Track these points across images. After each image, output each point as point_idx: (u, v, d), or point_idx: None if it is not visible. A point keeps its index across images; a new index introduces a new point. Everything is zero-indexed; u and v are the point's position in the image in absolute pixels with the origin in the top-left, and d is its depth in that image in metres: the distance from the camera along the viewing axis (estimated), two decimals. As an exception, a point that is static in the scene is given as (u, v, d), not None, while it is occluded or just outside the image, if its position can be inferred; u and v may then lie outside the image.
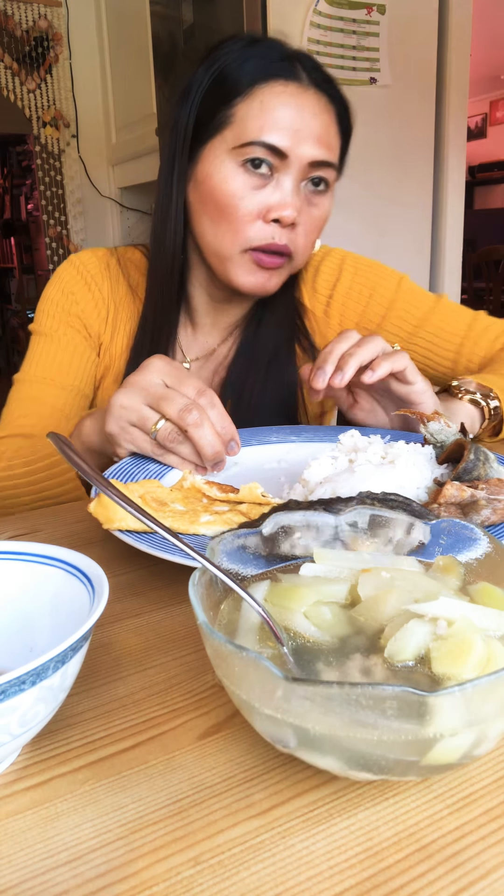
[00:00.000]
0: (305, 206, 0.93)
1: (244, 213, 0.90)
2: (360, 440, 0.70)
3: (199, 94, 0.93)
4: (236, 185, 0.90)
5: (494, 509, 0.59)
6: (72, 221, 3.22)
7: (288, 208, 0.90)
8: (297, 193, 0.91)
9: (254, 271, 0.94)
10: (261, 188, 0.90)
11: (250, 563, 0.46)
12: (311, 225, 0.95)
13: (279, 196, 0.90)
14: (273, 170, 0.90)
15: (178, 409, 0.72)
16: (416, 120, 2.62)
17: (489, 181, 7.51)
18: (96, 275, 1.06)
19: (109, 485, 0.45)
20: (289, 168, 0.90)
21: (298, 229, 0.93)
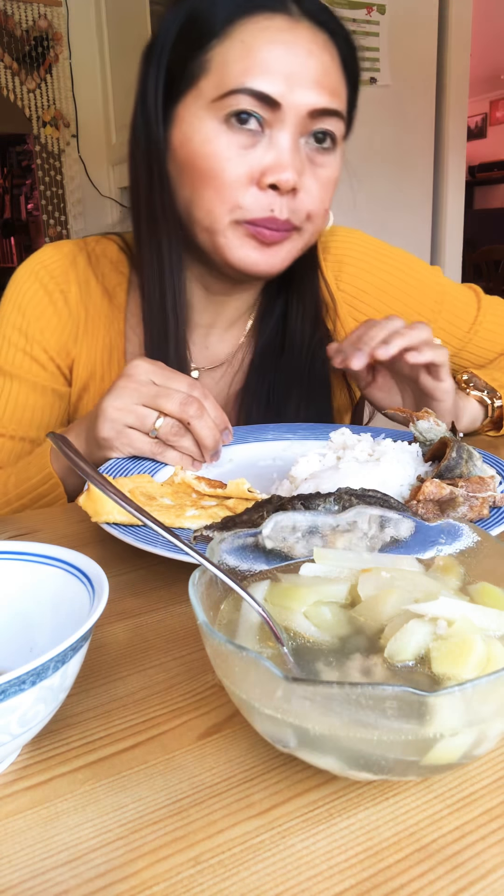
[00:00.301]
0: (308, 166, 0.78)
1: (232, 176, 0.75)
2: (349, 438, 0.71)
3: (167, 43, 0.77)
4: (220, 146, 0.74)
5: (471, 506, 0.60)
6: (72, 221, 3.22)
7: (286, 170, 0.74)
8: (296, 151, 0.75)
9: (250, 245, 0.79)
10: (251, 147, 0.75)
11: (250, 561, 0.46)
12: (319, 190, 0.79)
13: (274, 155, 0.74)
14: (264, 124, 0.74)
15: (177, 403, 0.71)
16: (416, 120, 2.62)
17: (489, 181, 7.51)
18: (60, 278, 0.90)
19: (109, 484, 0.45)
20: (283, 121, 0.74)
21: (302, 196, 0.77)
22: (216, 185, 0.76)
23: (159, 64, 0.77)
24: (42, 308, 0.90)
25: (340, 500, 0.54)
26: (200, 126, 0.75)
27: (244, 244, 0.79)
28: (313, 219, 0.81)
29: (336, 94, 0.77)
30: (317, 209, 0.80)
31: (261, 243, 0.79)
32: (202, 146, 0.75)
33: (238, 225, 0.78)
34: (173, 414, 0.71)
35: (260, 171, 0.75)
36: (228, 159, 0.74)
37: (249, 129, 0.74)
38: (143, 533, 0.59)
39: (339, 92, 0.78)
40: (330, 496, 0.55)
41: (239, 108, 0.73)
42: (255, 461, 0.81)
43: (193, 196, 0.78)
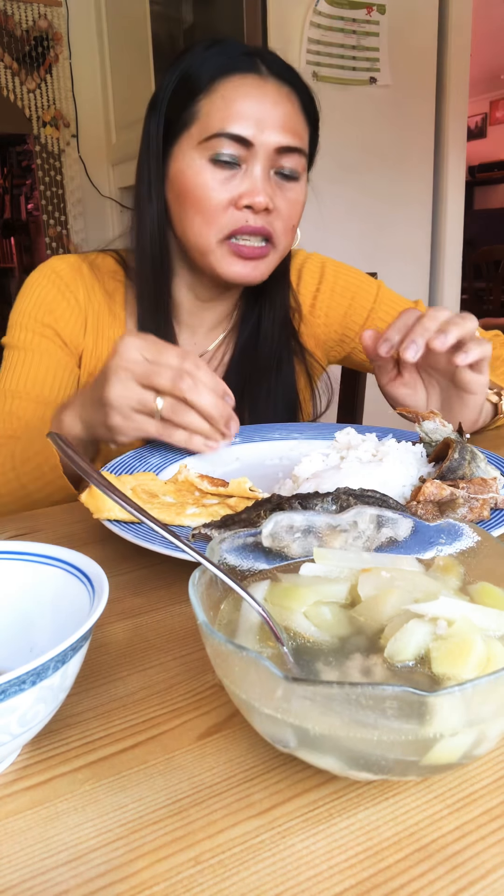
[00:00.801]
0: (278, 192, 0.94)
1: (216, 202, 0.92)
2: (354, 438, 0.71)
3: (166, 97, 0.95)
4: (206, 178, 0.91)
5: (471, 508, 0.60)
6: (72, 221, 3.22)
7: (259, 194, 0.91)
8: (266, 180, 0.93)
9: (235, 262, 0.94)
10: (231, 179, 0.92)
11: (250, 561, 0.46)
12: (288, 210, 0.96)
13: (248, 183, 0.92)
14: (240, 161, 0.92)
15: (169, 379, 0.72)
16: (416, 120, 2.62)
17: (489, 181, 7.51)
18: (70, 282, 1.04)
19: (109, 484, 0.45)
20: (256, 156, 0.91)
21: (274, 214, 0.94)
22: (203, 210, 0.92)
23: (159, 113, 0.96)
24: (56, 302, 1.03)
25: (338, 500, 0.54)
26: (191, 163, 0.93)
27: (231, 261, 0.94)
28: (285, 233, 0.96)
29: (297, 135, 0.94)
30: (286, 226, 0.96)
31: (243, 258, 0.94)
32: (192, 179, 0.93)
33: (223, 243, 0.93)
34: (167, 391, 0.72)
35: (238, 197, 0.92)
36: (212, 188, 0.92)
37: (228, 163, 0.91)
38: (144, 531, 0.59)
39: (300, 133, 0.95)
40: (328, 496, 0.55)
41: (220, 150, 0.91)
42: (261, 460, 0.81)
43: (186, 220, 0.95)
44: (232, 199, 0.92)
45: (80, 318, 1.04)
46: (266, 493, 0.67)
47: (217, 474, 0.75)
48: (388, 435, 0.77)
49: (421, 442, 0.72)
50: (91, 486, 0.62)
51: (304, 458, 0.69)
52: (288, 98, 0.94)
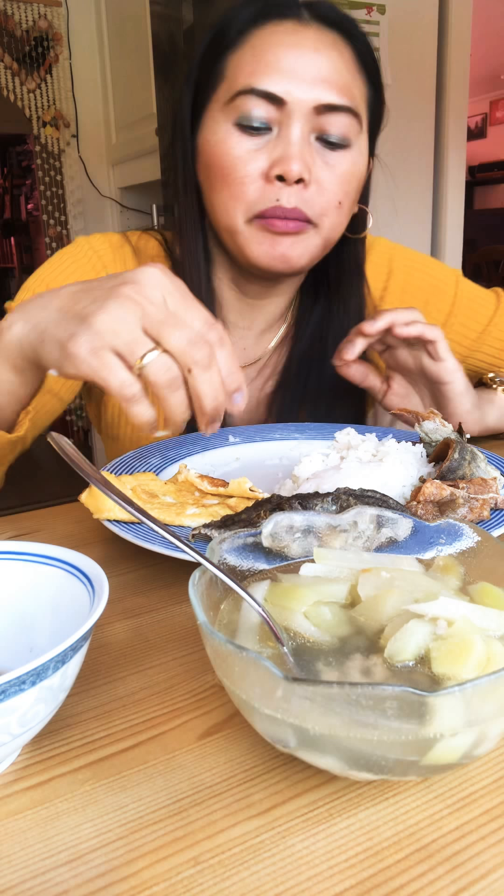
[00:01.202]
0: (319, 162, 0.79)
1: (243, 175, 0.78)
2: (354, 438, 0.71)
3: (197, 60, 0.83)
4: (232, 146, 0.78)
5: (471, 508, 0.60)
6: (72, 221, 3.22)
7: (291, 161, 0.76)
8: (304, 146, 0.77)
9: (265, 240, 0.80)
10: (261, 146, 0.78)
11: (250, 561, 0.46)
12: (333, 184, 0.80)
13: (281, 150, 0.77)
14: (272, 123, 0.78)
15: (185, 339, 0.54)
16: (416, 120, 2.62)
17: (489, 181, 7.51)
18: (109, 263, 0.90)
19: (109, 484, 0.45)
20: (290, 117, 0.77)
21: (313, 189, 0.79)
22: (229, 184, 0.79)
23: (190, 78, 0.83)
24: (80, 274, 0.88)
25: (338, 501, 0.54)
26: (217, 129, 0.79)
27: (260, 240, 0.80)
28: (328, 213, 0.81)
29: (345, 91, 0.78)
30: (329, 203, 0.81)
31: (275, 236, 0.80)
32: (217, 147, 0.79)
33: (252, 222, 0.80)
34: (175, 351, 0.54)
35: (269, 166, 0.78)
36: (238, 157, 0.78)
37: (257, 128, 0.77)
38: (144, 531, 0.59)
39: (349, 89, 0.79)
40: (328, 496, 0.55)
41: (246, 111, 0.76)
42: (262, 461, 0.81)
43: (213, 198, 0.82)
44: (262, 170, 0.78)
45: None
46: (266, 493, 0.67)
47: (217, 474, 0.75)
48: (388, 435, 0.77)
49: (421, 442, 0.72)
50: (91, 486, 0.62)
51: (304, 458, 0.69)
52: (333, 45, 0.78)
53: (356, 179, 0.84)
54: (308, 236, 0.82)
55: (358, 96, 0.81)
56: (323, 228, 0.82)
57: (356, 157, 0.82)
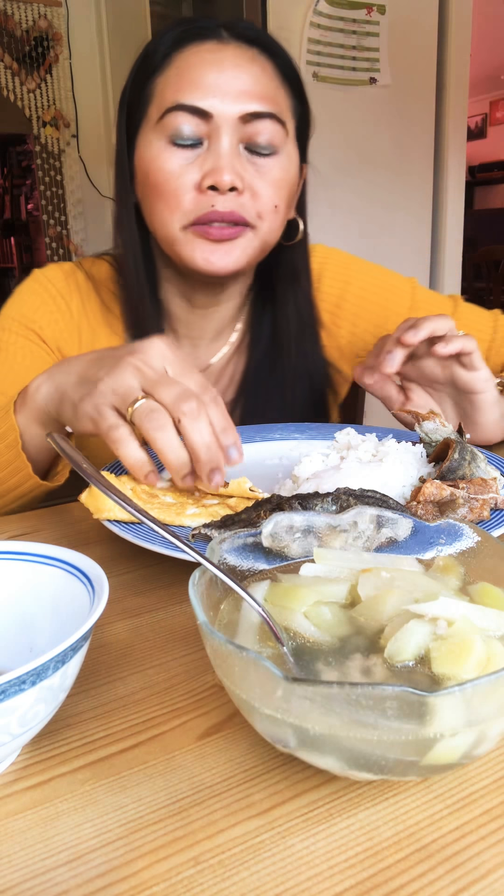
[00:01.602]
0: (251, 169, 0.83)
1: (176, 187, 0.81)
2: (354, 438, 0.71)
3: (128, 85, 0.87)
4: (165, 162, 0.81)
5: (471, 508, 0.60)
6: (72, 221, 3.22)
7: (222, 172, 0.79)
8: (234, 156, 0.81)
9: (203, 246, 0.83)
10: (193, 160, 0.82)
11: (250, 561, 0.46)
12: (265, 190, 0.83)
13: (212, 161, 0.80)
14: (202, 137, 0.81)
15: (175, 394, 0.60)
16: (416, 120, 2.62)
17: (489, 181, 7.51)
18: (63, 290, 0.96)
19: (109, 484, 0.45)
20: (218, 130, 0.80)
21: (246, 196, 0.82)
22: (165, 197, 0.83)
23: (123, 101, 0.88)
24: (41, 303, 0.95)
25: (338, 501, 0.54)
26: (149, 147, 0.83)
27: (196, 246, 0.84)
28: (264, 217, 0.84)
29: (268, 99, 0.82)
30: (265, 208, 0.84)
31: (212, 242, 0.83)
32: (151, 163, 0.83)
33: (188, 229, 0.83)
34: (165, 403, 0.60)
35: (201, 178, 0.81)
36: (171, 171, 0.82)
37: (188, 143, 0.81)
38: (144, 531, 0.59)
39: (272, 97, 0.83)
40: (328, 496, 0.55)
41: (176, 126, 0.80)
42: (261, 460, 0.81)
43: (151, 211, 0.86)
44: (195, 182, 0.81)
45: (73, 330, 0.95)
46: (266, 493, 0.67)
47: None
48: (388, 435, 0.77)
49: (421, 442, 0.72)
50: (91, 486, 0.62)
51: (304, 458, 0.69)
52: (253, 60, 0.82)
53: (287, 184, 0.87)
54: (246, 239, 0.84)
55: (282, 104, 0.85)
56: (260, 230, 0.85)
57: (285, 162, 0.86)
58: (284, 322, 0.97)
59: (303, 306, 0.97)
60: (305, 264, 0.98)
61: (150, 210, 0.86)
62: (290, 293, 0.96)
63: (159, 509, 0.63)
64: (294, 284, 0.96)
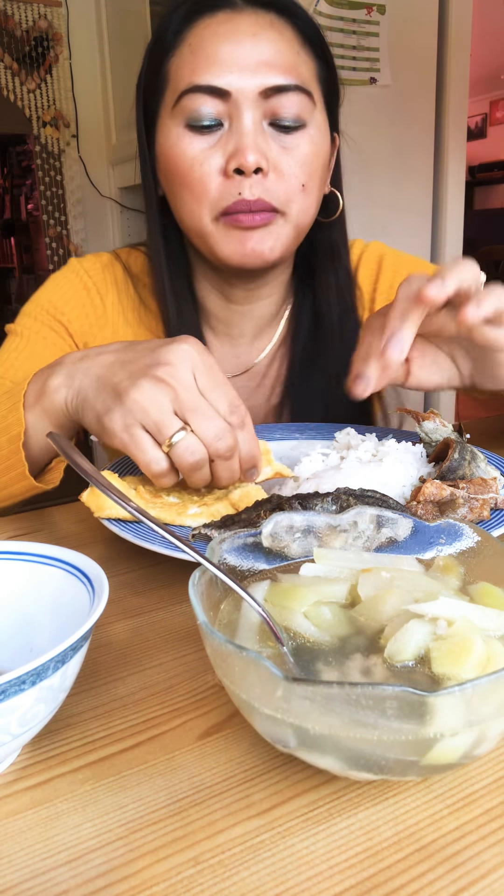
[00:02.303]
0: (275, 146, 0.78)
1: (200, 174, 0.77)
2: (354, 438, 0.71)
3: (143, 71, 0.82)
4: (185, 148, 0.77)
5: (471, 508, 0.60)
6: (72, 221, 3.22)
7: (246, 152, 0.74)
8: (258, 135, 0.76)
9: (234, 237, 0.79)
10: (215, 143, 0.77)
11: (250, 561, 0.46)
12: (294, 167, 0.78)
13: (235, 142, 0.76)
14: (222, 118, 0.76)
15: (214, 432, 0.58)
16: (416, 120, 2.62)
17: (489, 181, 7.50)
18: (100, 284, 0.92)
19: (109, 484, 0.45)
20: (238, 107, 0.75)
21: (273, 178, 0.77)
22: (189, 186, 0.78)
23: (139, 88, 0.83)
24: (73, 294, 0.91)
25: (338, 501, 0.54)
26: (168, 134, 0.79)
27: (229, 238, 0.79)
28: (294, 199, 0.79)
29: (290, 70, 0.76)
30: (293, 188, 0.79)
31: (243, 231, 0.78)
32: (171, 151, 0.78)
33: (219, 220, 0.79)
34: (202, 439, 0.58)
35: (225, 162, 0.76)
36: (194, 157, 0.77)
37: (207, 125, 0.76)
38: (144, 531, 0.59)
39: (294, 67, 0.77)
40: (328, 496, 0.55)
41: (193, 109, 0.75)
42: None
43: (177, 203, 0.81)
44: (219, 166, 0.76)
45: (105, 326, 0.92)
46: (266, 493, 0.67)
47: None
48: (388, 435, 0.77)
49: (421, 442, 0.72)
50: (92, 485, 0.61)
51: (304, 458, 0.69)
52: (271, 26, 0.76)
53: (318, 159, 0.81)
54: (277, 226, 0.80)
55: (305, 73, 0.79)
56: (291, 215, 0.80)
57: (314, 135, 0.80)
58: (326, 305, 0.90)
59: (344, 286, 0.91)
60: (344, 240, 0.92)
61: (177, 201, 0.81)
62: (332, 273, 0.91)
63: (161, 508, 0.63)
64: (335, 263, 0.91)
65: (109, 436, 0.60)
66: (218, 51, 0.75)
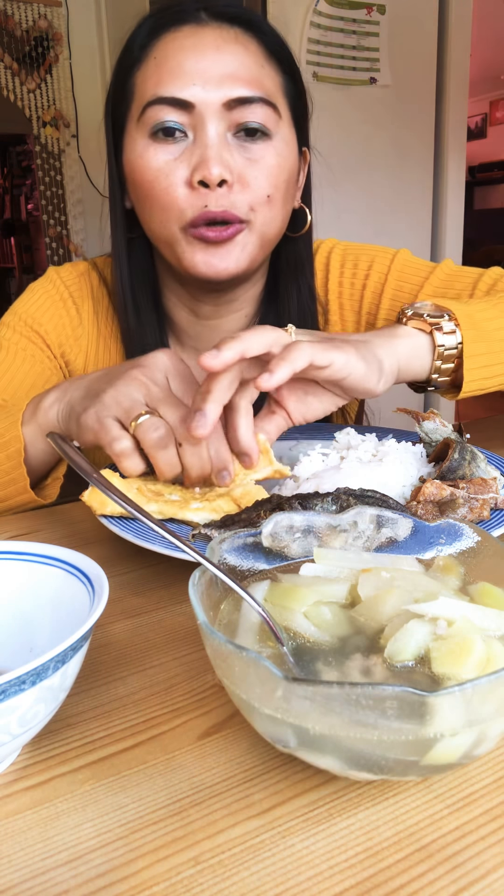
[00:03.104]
0: (241, 160, 0.77)
1: (166, 185, 0.77)
2: (354, 438, 0.71)
3: (112, 83, 0.83)
4: (151, 160, 0.77)
5: (471, 508, 0.60)
6: (72, 221, 3.22)
7: (211, 164, 0.74)
8: (222, 146, 0.76)
9: (200, 249, 0.79)
10: (179, 154, 0.77)
11: (250, 561, 0.46)
12: (258, 179, 0.78)
13: (199, 153, 0.76)
14: (186, 130, 0.76)
15: (179, 415, 0.61)
16: (416, 120, 2.62)
17: (489, 181, 7.50)
18: (76, 294, 0.93)
19: (109, 484, 0.45)
20: (202, 119, 0.75)
21: (237, 188, 0.77)
22: (156, 197, 0.78)
23: (108, 101, 0.84)
24: (50, 305, 0.92)
25: (338, 501, 0.54)
26: (135, 146, 0.79)
27: (194, 249, 0.79)
28: (258, 209, 0.79)
29: (253, 83, 0.77)
30: (258, 199, 0.79)
31: (210, 245, 0.79)
32: (137, 163, 0.79)
33: (186, 230, 0.79)
34: (168, 422, 0.61)
35: (190, 173, 0.77)
36: (159, 169, 0.77)
37: (173, 137, 0.77)
38: (145, 530, 0.59)
39: (257, 79, 0.77)
40: (328, 496, 0.55)
41: (157, 121, 0.76)
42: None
43: (145, 213, 0.82)
44: (185, 178, 0.76)
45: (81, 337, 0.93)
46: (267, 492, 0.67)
47: None
48: (388, 435, 0.77)
49: (421, 442, 0.72)
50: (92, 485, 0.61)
51: (304, 457, 0.69)
52: (236, 40, 0.77)
53: (284, 171, 0.80)
54: (242, 237, 0.79)
55: (270, 86, 0.79)
56: (255, 224, 0.79)
57: (280, 147, 0.79)
58: (287, 317, 0.91)
59: (306, 301, 0.92)
60: (309, 255, 0.92)
61: (145, 213, 0.82)
62: (294, 287, 0.91)
63: (164, 506, 0.62)
64: (298, 277, 0.91)
65: (84, 431, 0.63)
66: (182, 63, 0.75)
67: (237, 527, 0.56)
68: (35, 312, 0.92)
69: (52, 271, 0.95)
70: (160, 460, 0.61)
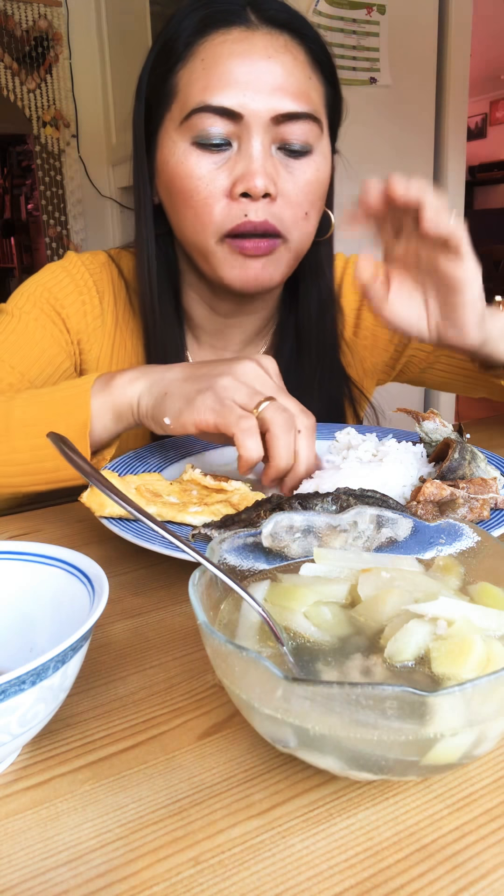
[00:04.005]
0: (284, 172, 0.77)
1: (207, 194, 0.76)
2: (354, 438, 0.71)
3: (145, 75, 0.80)
4: (192, 167, 0.76)
5: (471, 508, 0.60)
6: (72, 221, 3.22)
7: (255, 177, 0.74)
8: (266, 159, 0.75)
9: (238, 262, 0.79)
10: (222, 163, 0.76)
11: (250, 561, 0.46)
12: (299, 195, 0.78)
13: (243, 166, 0.75)
14: (231, 138, 0.75)
15: (297, 407, 0.65)
16: (416, 120, 2.62)
17: (489, 181, 7.51)
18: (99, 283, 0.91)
19: (109, 484, 0.45)
20: (248, 130, 0.75)
21: (280, 202, 0.77)
22: (194, 205, 0.77)
23: (140, 94, 0.81)
24: (73, 289, 0.90)
25: (338, 500, 0.54)
26: (174, 149, 0.77)
27: (233, 262, 0.79)
28: (296, 225, 0.80)
29: (301, 96, 0.76)
30: (296, 215, 0.79)
31: (246, 258, 0.78)
32: (177, 168, 0.77)
33: (223, 241, 0.78)
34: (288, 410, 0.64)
35: (232, 184, 0.76)
36: (200, 178, 0.76)
37: (216, 144, 0.76)
38: (145, 530, 0.59)
39: (305, 93, 0.77)
40: (328, 496, 0.55)
41: (202, 129, 0.75)
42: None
43: (179, 219, 0.80)
44: (225, 188, 0.76)
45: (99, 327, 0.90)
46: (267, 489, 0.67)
47: (222, 471, 0.75)
48: (388, 435, 0.77)
49: (421, 442, 0.72)
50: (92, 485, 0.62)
51: None
52: (286, 49, 0.75)
53: (321, 186, 0.81)
54: (279, 253, 0.80)
55: (316, 99, 0.79)
56: (292, 242, 0.80)
57: (319, 162, 0.80)
58: (306, 318, 0.91)
59: (326, 303, 0.92)
60: (330, 258, 0.92)
61: (178, 217, 0.81)
62: (314, 289, 0.91)
63: (162, 508, 0.63)
64: (318, 280, 0.91)
65: (200, 409, 0.63)
66: (231, 70, 0.73)
67: (237, 527, 0.56)
68: (59, 294, 0.89)
69: (75, 256, 0.93)
70: (281, 444, 0.63)
